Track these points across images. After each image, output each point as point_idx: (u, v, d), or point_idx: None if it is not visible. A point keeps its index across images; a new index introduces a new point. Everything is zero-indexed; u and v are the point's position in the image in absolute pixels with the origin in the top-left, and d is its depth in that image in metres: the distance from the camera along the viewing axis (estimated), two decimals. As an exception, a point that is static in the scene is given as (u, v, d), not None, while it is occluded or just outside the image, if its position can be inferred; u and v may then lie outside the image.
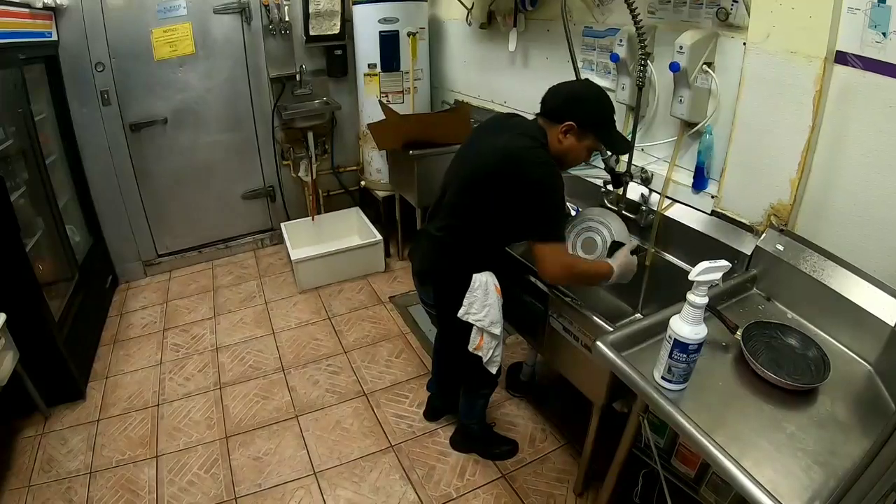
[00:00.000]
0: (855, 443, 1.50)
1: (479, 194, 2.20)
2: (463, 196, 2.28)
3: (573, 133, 2.14)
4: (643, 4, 2.53)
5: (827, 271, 1.92)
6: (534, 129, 2.22)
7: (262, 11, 4.53)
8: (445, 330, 2.62)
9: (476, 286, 2.33)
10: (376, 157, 4.74)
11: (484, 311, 2.36)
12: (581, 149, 2.20)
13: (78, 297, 3.77)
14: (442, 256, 2.41)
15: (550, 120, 2.18)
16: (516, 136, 2.18)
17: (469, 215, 2.28)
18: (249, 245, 5.44)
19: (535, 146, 2.13)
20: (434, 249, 2.43)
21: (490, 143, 2.22)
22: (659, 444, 2.14)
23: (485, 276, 2.35)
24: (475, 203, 2.23)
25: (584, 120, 2.13)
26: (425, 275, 2.53)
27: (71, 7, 3.94)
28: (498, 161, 2.14)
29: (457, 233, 2.33)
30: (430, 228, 2.43)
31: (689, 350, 1.58)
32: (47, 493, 2.84)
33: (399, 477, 2.86)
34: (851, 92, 1.82)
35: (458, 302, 2.36)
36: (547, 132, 2.19)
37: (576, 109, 2.13)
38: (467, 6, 4.00)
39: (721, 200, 2.33)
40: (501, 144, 2.16)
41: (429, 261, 2.48)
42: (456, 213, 2.32)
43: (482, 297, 2.35)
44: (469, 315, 2.37)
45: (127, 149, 4.53)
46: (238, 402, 3.42)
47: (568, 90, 2.21)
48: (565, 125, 2.13)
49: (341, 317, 4.26)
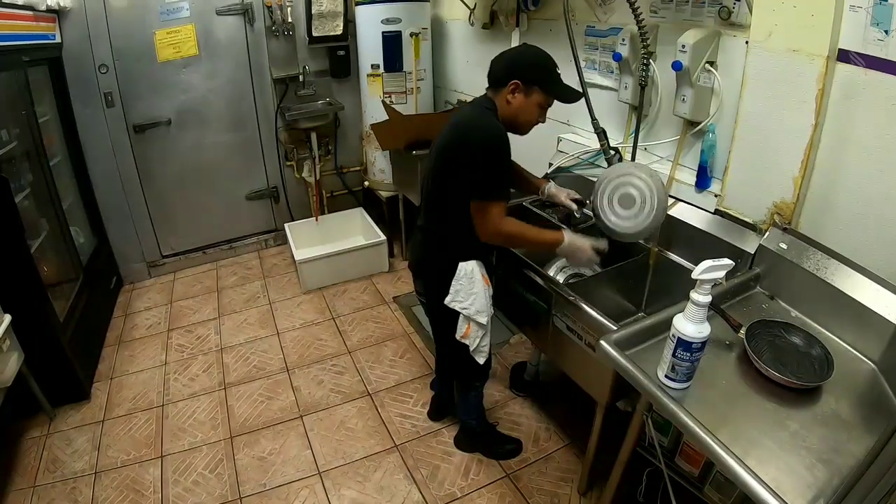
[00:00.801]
0: (858, 441, 1.49)
1: (442, 176, 2.30)
2: (433, 183, 2.37)
3: (519, 91, 2.21)
4: (645, 3, 2.53)
5: (830, 269, 1.92)
6: (481, 101, 2.31)
7: (265, 12, 4.54)
8: (434, 318, 2.66)
9: (461, 274, 2.38)
10: (379, 158, 4.75)
11: (470, 299, 2.41)
12: (531, 105, 2.24)
13: (82, 298, 3.78)
14: (428, 246, 2.51)
15: (496, 87, 2.26)
16: (464, 112, 2.36)
17: (440, 200, 2.36)
18: (253, 246, 5.45)
19: (480, 114, 2.24)
20: (422, 241, 2.53)
21: (447, 130, 2.34)
22: (663, 443, 2.13)
23: (470, 265, 2.39)
24: (442, 186, 2.32)
25: (526, 75, 2.19)
26: (416, 267, 2.62)
27: (74, 9, 3.96)
28: (448, 137, 2.28)
29: (436, 221, 2.43)
30: (420, 222, 2.55)
31: (692, 349, 1.58)
32: (52, 494, 2.85)
33: (403, 476, 2.87)
34: (854, 90, 1.82)
35: (445, 290, 2.41)
36: (495, 101, 2.26)
37: (516, 68, 2.21)
38: (470, 6, 4.00)
39: (724, 199, 2.33)
40: (452, 125, 2.32)
41: (418, 253, 2.58)
42: (431, 201, 2.42)
43: (467, 285, 2.39)
44: (455, 303, 2.42)
45: (131, 150, 4.54)
46: (243, 402, 3.43)
47: (506, 55, 2.30)
48: (510, 85, 2.20)
49: (345, 317, 4.26)
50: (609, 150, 2.56)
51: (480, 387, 2.83)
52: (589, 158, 2.96)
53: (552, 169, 3.10)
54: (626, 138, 2.84)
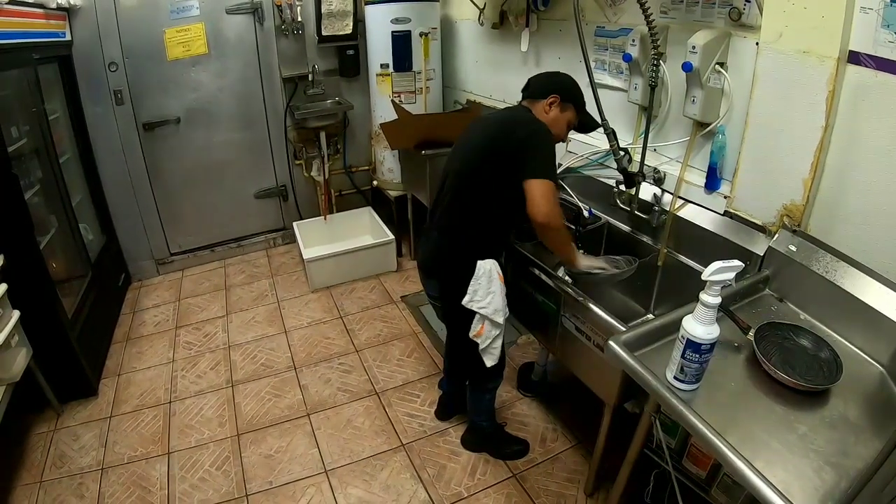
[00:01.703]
0: (867, 444, 1.49)
1: (481, 174, 2.33)
2: (462, 181, 2.41)
3: (556, 105, 2.39)
4: (655, 4, 2.52)
5: (840, 272, 1.92)
6: (519, 108, 2.50)
7: (274, 11, 4.55)
8: (450, 320, 2.66)
9: (480, 273, 2.39)
10: (388, 157, 4.75)
11: (488, 298, 2.42)
12: (563, 121, 2.42)
13: (91, 295, 3.80)
14: (446, 246, 2.50)
15: (535, 98, 2.43)
16: (505, 112, 2.50)
17: (469, 198, 2.39)
18: (262, 244, 5.46)
19: (524, 113, 2.41)
20: (438, 240, 2.52)
21: (482, 128, 2.46)
22: (670, 445, 2.13)
23: (488, 264, 2.41)
24: (474, 184, 2.36)
25: (566, 93, 2.40)
26: (430, 267, 2.61)
27: (84, 7, 3.98)
28: (491, 135, 2.37)
29: (459, 220, 2.44)
30: (435, 221, 2.55)
31: (701, 350, 1.58)
32: (59, 489, 2.86)
33: (410, 476, 2.87)
34: (864, 92, 1.81)
35: (463, 290, 2.42)
36: (532, 109, 2.42)
37: (558, 85, 2.42)
38: (479, 6, 4.00)
39: (734, 201, 2.32)
40: (495, 120, 2.46)
41: (433, 252, 2.56)
42: (456, 200, 2.44)
43: (486, 284, 2.40)
44: (473, 303, 2.43)
45: (140, 148, 4.56)
46: (250, 399, 3.43)
47: (548, 74, 2.53)
48: (550, 98, 2.38)
49: (353, 316, 4.27)
50: (619, 150, 2.55)
51: (494, 389, 2.83)
52: (598, 159, 2.96)
53: (562, 169, 3.10)
54: (635, 139, 2.83)
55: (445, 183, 2.49)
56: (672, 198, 2.59)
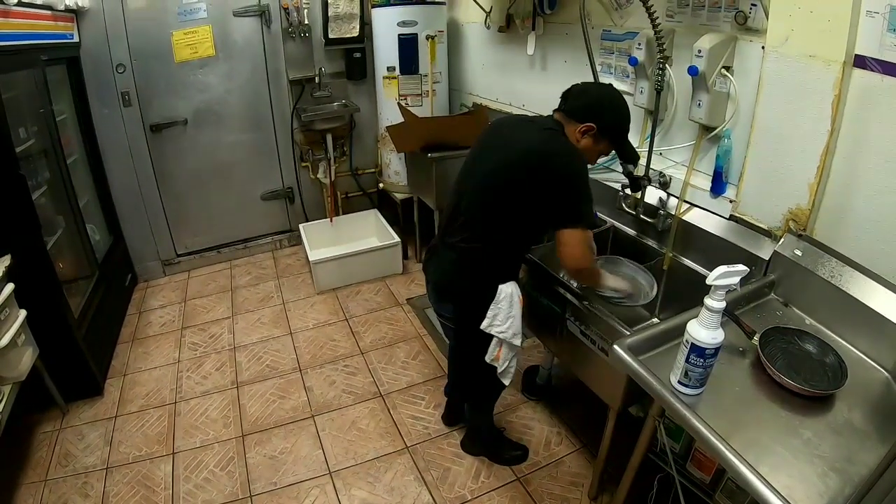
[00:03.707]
0: (871, 450, 1.49)
1: (505, 198, 2.17)
2: (483, 201, 2.23)
3: (591, 134, 2.16)
4: (661, 8, 2.53)
5: (845, 277, 1.91)
6: (551, 122, 2.22)
7: (281, 14, 4.57)
8: (464, 342, 2.58)
9: (501, 297, 2.30)
10: (395, 160, 4.76)
11: (507, 322, 2.34)
12: (594, 151, 2.23)
13: (97, 295, 3.81)
14: (465, 269, 2.33)
15: (570, 117, 2.18)
16: (538, 131, 2.18)
17: (494, 222, 2.22)
18: (268, 246, 5.47)
19: (558, 138, 2.15)
20: (456, 262, 2.35)
21: (510, 143, 2.21)
22: (674, 449, 2.13)
23: (510, 287, 2.32)
24: (501, 208, 2.19)
25: (605, 125, 2.15)
26: (444, 289, 2.47)
27: (92, 9, 3.99)
28: (523, 158, 2.13)
29: (481, 243, 2.26)
30: (450, 240, 2.36)
31: (706, 354, 1.57)
32: (64, 488, 2.87)
33: (414, 478, 2.87)
34: (870, 96, 1.81)
35: (482, 314, 2.33)
36: (564, 127, 2.19)
37: (599, 113, 2.15)
38: (486, 9, 4.00)
39: (739, 205, 2.32)
40: (524, 142, 2.16)
41: (450, 274, 2.40)
42: (476, 221, 2.26)
43: (507, 308, 2.32)
44: (492, 327, 2.34)
45: (147, 149, 4.58)
46: (255, 401, 3.44)
47: (596, 93, 2.24)
48: (586, 126, 2.14)
49: (358, 318, 4.27)
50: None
51: (495, 400, 2.84)
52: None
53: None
54: (641, 143, 2.82)
55: (462, 201, 2.30)
56: (678, 202, 2.58)
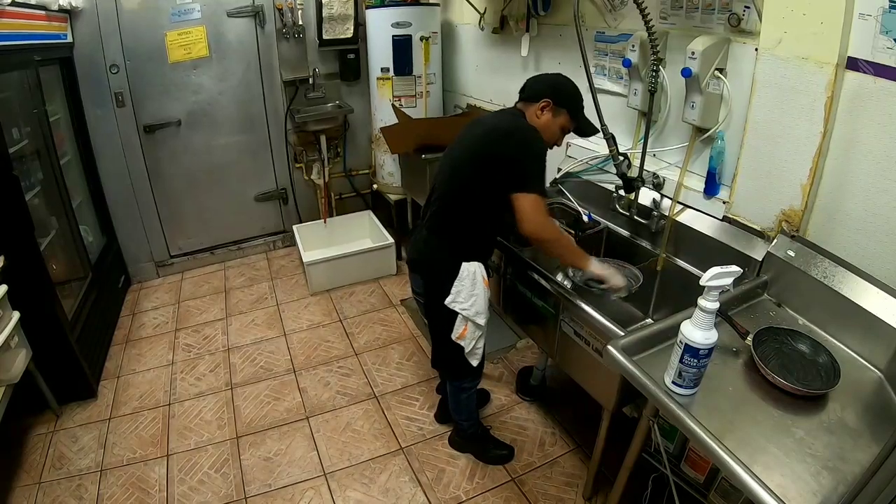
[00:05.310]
0: (864, 449, 1.50)
1: (467, 178, 2.36)
2: (451, 182, 2.44)
3: (549, 109, 2.36)
4: (655, 10, 2.54)
5: (838, 277, 1.92)
6: (511, 111, 2.48)
7: (275, 15, 4.56)
8: (431, 316, 2.67)
9: (464, 275, 2.43)
10: (388, 161, 4.75)
11: (471, 300, 2.45)
12: (555, 125, 2.39)
13: (91, 297, 3.80)
14: (432, 245, 2.51)
15: (529, 101, 2.41)
16: (501, 115, 2.50)
17: (457, 201, 2.42)
18: (261, 247, 5.46)
19: (518, 119, 2.39)
20: (426, 239, 2.54)
21: (474, 131, 2.44)
22: (669, 449, 2.13)
23: (473, 266, 2.44)
24: (463, 188, 2.38)
25: (559, 97, 2.35)
26: (416, 262, 2.63)
27: (86, 9, 3.99)
28: (483, 138, 2.36)
29: (446, 219, 2.47)
30: (423, 221, 2.59)
31: (699, 355, 1.58)
32: (58, 491, 2.87)
33: (409, 479, 2.87)
34: (863, 98, 1.82)
35: (446, 290, 2.45)
36: (525, 112, 2.41)
37: (553, 88, 2.37)
38: (480, 11, 4.01)
39: (732, 206, 2.33)
40: (489, 124, 2.41)
41: (421, 249, 2.58)
42: (445, 202, 2.47)
43: (469, 286, 2.44)
44: (456, 303, 2.46)
45: (141, 150, 4.57)
46: (249, 402, 3.44)
47: (547, 76, 2.48)
48: (542, 102, 2.35)
49: (352, 319, 4.27)
50: (618, 155, 2.55)
51: (471, 388, 2.83)
52: (598, 164, 2.97)
53: (561, 174, 3.11)
54: (634, 144, 2.84)
55: (436, 184, 2.52)
56: (671, 203, 2.59)
